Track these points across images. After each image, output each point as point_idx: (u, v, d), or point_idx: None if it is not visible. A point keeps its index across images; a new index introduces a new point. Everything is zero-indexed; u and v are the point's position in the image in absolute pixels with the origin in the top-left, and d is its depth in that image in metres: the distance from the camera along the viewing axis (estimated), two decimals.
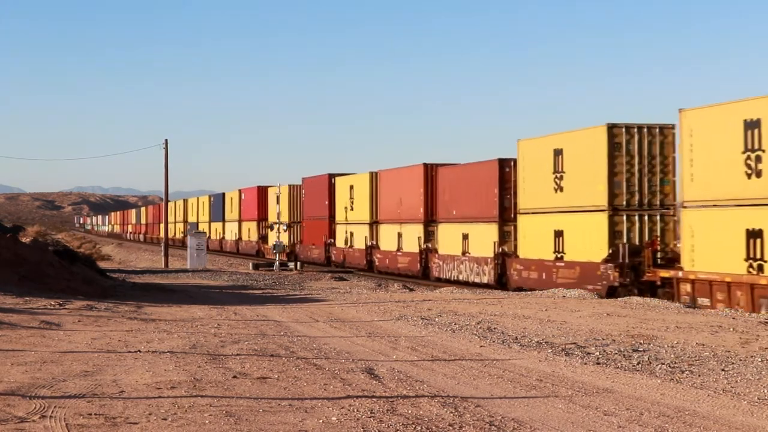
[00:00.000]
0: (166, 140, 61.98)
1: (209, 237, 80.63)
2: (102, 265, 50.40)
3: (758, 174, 23.37)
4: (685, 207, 26.08)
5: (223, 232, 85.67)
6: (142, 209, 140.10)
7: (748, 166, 23.56)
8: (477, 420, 10.23)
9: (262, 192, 72.83)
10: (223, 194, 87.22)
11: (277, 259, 53.33)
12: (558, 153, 33.36)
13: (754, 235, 23.29)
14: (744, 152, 23.74)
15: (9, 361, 13.82)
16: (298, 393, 11.67)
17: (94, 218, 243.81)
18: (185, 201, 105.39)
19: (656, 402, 11.44)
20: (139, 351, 15.35)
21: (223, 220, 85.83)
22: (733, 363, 14.52)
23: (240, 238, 79.21)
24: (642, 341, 17.22)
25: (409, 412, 10.60)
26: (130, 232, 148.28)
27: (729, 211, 24.18)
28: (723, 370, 13.86)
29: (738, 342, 17.09)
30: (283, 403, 10.93)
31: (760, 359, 14.88)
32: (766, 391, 12.15)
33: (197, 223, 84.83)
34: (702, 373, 13.63)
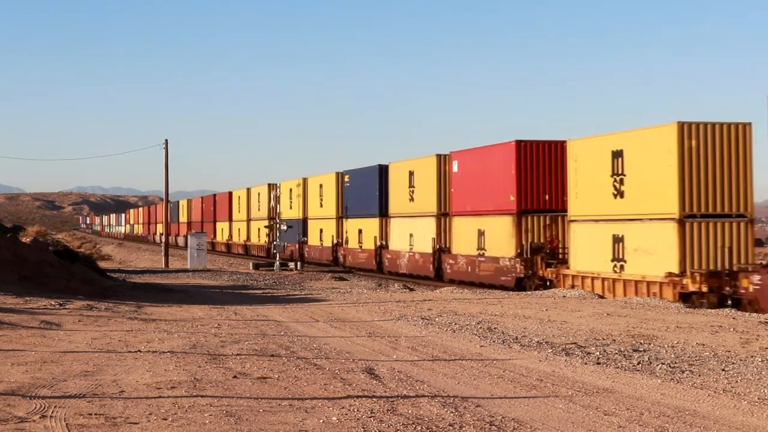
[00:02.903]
0: (166, 140, 62.02)
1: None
2: (102, 265, 50.39)
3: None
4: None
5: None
6: (181, 203, 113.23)
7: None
8: (477, 420, 10.23)
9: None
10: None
11: (277, 259, 53.32)
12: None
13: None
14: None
15: (9, 361, 13.82)
16: (299, 393, 11.67)
17: (105, 217, 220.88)
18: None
19: (656, 402, 11.44)
20: (140, 351, 15.35)
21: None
22: (733, 363, 14.52)
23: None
24: (642, 341, 17.22)
25: (410, 412, 10.60)
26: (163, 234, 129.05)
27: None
28: (723, 370, 13.86)
29: (738, 342, 17.09)
30: (284, 403, 10.93)
31: (760, 359, 14.88)
32: (766, 391, 12.15)
33: (304, 220, 62.42)
34: (702, 373, 13.63)
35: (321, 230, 58.21)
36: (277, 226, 57.15)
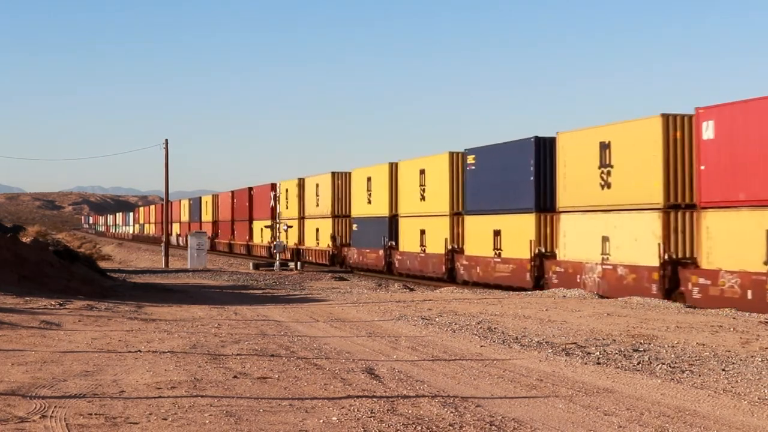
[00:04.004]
0: (166, 140, 62.03)
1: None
2: (102, 265, 50.40)
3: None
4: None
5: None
6: (204, 200, 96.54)
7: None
8: (477, 420, 10.23)
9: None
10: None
11: (277, 259, 53.32)
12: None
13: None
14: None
15: (9, 361, 13.82)
16: (299, 393, 11.67)
17: (110, 217, 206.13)
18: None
19: (657, 402, 11.44)
20: (140, 351, 15.35)
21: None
22: (733, 363, 14.53)
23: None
24: (642, 341, 17.22)
25: (410, 412, 10.60)
26: (181, 235, 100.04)
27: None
28: (723, 370, 13.86)
29: (738, 342, 17.09)
30: (284, 403, 10.92)
31: (760, 359, 14.88)
32: (766, 391, 12.15)
33: (393, 218, 48.11)
34: (702, 373, 13.63)
35: (422, 231, 43.52)
36: (278, 226, 57.15)
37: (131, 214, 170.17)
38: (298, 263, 52.98)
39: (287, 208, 65.95)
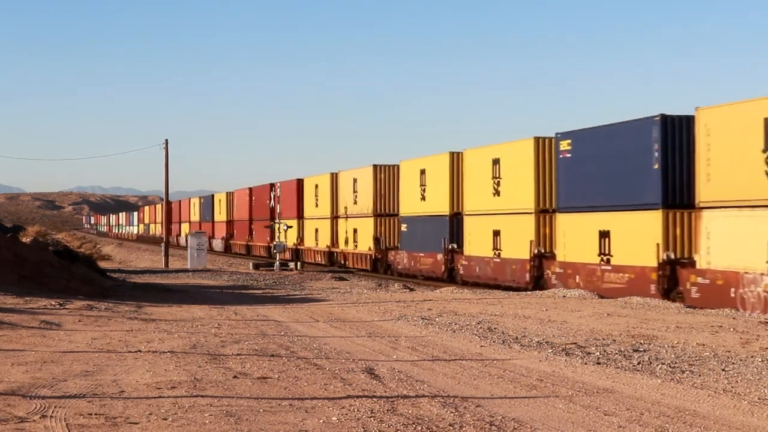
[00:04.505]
0: (166, 140, 62.06)
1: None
2: (102, 265, 50.40)
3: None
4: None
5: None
6: (218, 198, 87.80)
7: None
8: (477, 420, 10.23)
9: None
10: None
11: (277, 259, 53.33)
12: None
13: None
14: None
15: (9, 361, 13.82)
16: (299, 393, 11.67)
17: (113, 217, 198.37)
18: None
19: (656, 402, 11.44)
20: (140, 351, 15.35)
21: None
22: (733, 363, 14.53)
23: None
24: (642, 341, 17.22)
25: (410, 412, 10.60)
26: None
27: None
28: (723, 370, 13.86)
29: (738, 342, 17.09)
30: (284, 403, 10.92)
31: (760, 359, 14.88)
32: (766, 391, 12.15)
33: (455, 216, 41.07)
34: (702, 373, 13.62)
35: (496, 232, 36.82)
36: (278, 226, 57.20)
37: (135, 213, 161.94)
38: (298, 263, 52.85)
39: (317, 206, 59.15)
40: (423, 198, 43.69)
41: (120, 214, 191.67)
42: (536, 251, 33.59)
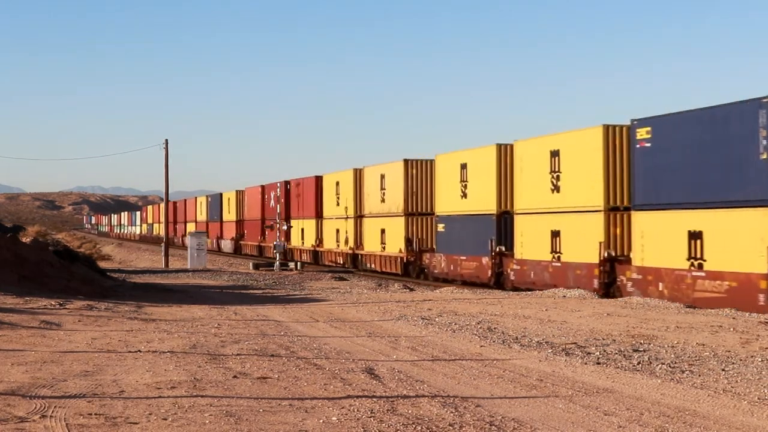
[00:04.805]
0: (166, 140, 62.08)
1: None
2: (102, 265, 50.42)
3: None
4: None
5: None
6: (227, 197, 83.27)
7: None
8: (477, 420, 10.23)
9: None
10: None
11: (277, 259, 53.33)
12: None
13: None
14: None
15: (9, 361, 13.82)
16: (299, 393, 11.67)
17: (114, 216, 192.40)
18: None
19: (656, 402, 11.44)
20: (140, 351, 15.36)
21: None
22: (733, 363, 14.53)
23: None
24: (642, 341, 17.22)
25: (410, 412, 10.60)
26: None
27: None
28: (723, 370, 13.86)
29: (738, 342, 17.09)
30: (284, 403, 10.92)
31: (760, 359, 14.88)
32: (766, 391, 12.15)
33: (503, 215, 36.94)
34: (702, 373, 13.63)
35: (555, 233, 32.72)
36: (278, 226, 57.20)
37: (138, 213, 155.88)
38: (298, 263, 52.81)
39: (338, 204, 55.03)
40: (464, 195, 39.41)
41: (122, 213, 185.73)
42: (606, 254, 29.47)
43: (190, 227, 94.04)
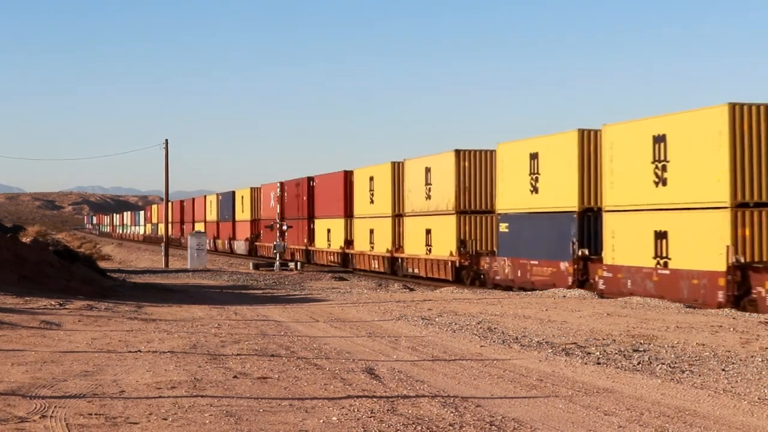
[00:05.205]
0: (166, 140, 62.11)
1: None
2: (102, 265, 50.43)
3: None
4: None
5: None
6: (240, 194, 79.10)
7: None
8: (477, 420, 10.23)
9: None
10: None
11: (277, 259, 53.33)
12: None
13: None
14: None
15: (9, 361, 13.82)
16: (299, 393, 11.67)
17: (117, 216, 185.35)
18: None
19: (656, 402, 11.44)
20: (140, 351, 15.35)
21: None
22: (733, 363, 14.53)
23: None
24: (642, 341, 17.22)
25: (410, 412, 10.60)
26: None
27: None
28: (723, 370, 13.86)
29: (738, 342, 17.09)
30: (284, 403, 10.92)
31: (760, 359, 14.88)
32: (766, 391, 12.15)
33: (588, 212, 32.15)
34: (702, 373, 13.63)
35: (660, 234, 27.83)
36: (278, 226, 57.20)
37: (141, 213, 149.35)
38: (299, 263, 52.75)
39: (372, 202, 50.01)
40: (534, 190, 34.03)
41: (125, 213, 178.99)
42: (734, 260, 24.84)
43: (199, 227, 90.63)
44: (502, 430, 9.81)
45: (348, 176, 54.44)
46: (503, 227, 36.40)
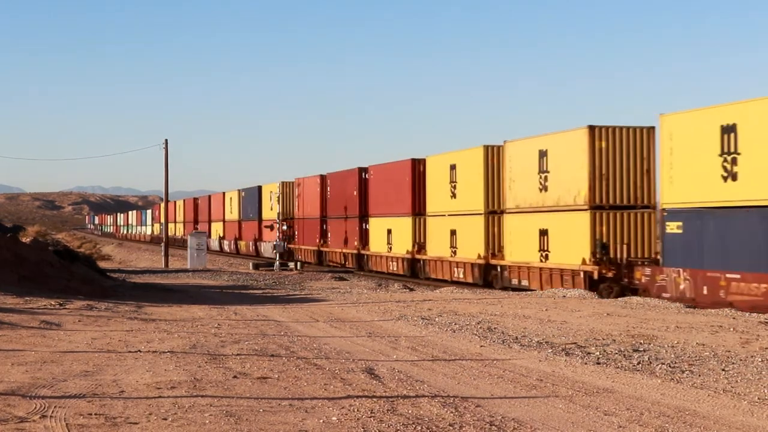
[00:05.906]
0: (166, 140, 62.10)
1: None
2: (102, 264, 50.43)
3: (732, 176, 24.56)
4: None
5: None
6: (268, 190, 69.03)
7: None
8: (477, 420, 10.23)
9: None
10: None
11: (277, 259, 53.30)
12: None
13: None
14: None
15: (9, 361, 13.82)
16: (299, 393, 11.67)
17: (121, 216, 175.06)
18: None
19: (656, 402, 11.44)
20: (140, 351, 15.35)
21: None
22: (733, 363, 14.53)
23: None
24: (642, 341, 17.22)
25: (410, 412, 10.60)
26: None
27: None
28: (723, 370, 13.86)
29: (738, 342, 17.09)
30: (284, 403, 10.92)
31: (760, 359, 14.88)
32: (766, 391, 12.15)
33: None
34: (702, 373, 13.63)
35: None
36: (278, 226, 57.14)
37: (148, 212, 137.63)
38: (299, 263, 52.69)
39: (454, 196, 41.04)
40: (729, 175, 24.87)
41: (129, 213, 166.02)
42: None
43: (217, 227, 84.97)
44: (502, 430, 9.81)
45: (417, 165, 45.35)
46: (673, 227, 27.38)
